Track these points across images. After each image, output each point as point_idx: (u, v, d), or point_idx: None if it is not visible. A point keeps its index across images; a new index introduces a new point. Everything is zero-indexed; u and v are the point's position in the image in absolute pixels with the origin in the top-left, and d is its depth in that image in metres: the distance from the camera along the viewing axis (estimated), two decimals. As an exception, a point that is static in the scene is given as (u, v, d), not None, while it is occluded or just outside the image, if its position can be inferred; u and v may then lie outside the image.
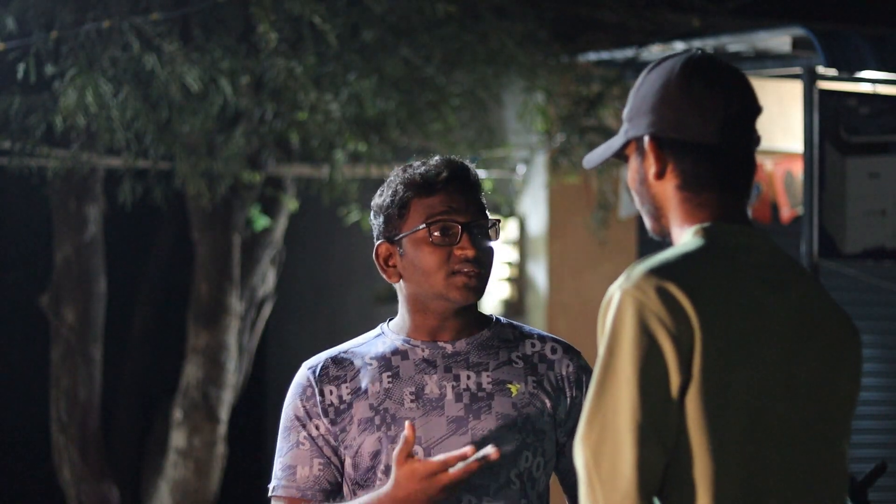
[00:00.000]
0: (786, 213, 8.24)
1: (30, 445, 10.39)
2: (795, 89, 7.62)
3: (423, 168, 2.97)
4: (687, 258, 2.25)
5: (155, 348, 10.51)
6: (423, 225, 2.92)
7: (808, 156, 6.43)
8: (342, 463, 2.94)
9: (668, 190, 2.33)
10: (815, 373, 2.27)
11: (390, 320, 3.03)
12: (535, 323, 8.55)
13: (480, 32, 7.32)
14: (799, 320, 2.28)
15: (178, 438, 8.06)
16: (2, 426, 10.85)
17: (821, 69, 6.46)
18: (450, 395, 2.92)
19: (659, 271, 2.21)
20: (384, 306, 9.20)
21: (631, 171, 2.38)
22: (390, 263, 2.98)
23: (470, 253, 2.91)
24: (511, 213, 8.76)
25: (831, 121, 6.43)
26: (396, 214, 2.96)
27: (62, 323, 8.04)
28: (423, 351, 2.95)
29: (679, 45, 7.22)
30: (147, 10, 6.67)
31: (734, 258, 2.28)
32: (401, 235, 2.95)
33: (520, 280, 8.75)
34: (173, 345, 9.02)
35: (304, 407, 2.95)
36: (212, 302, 8.07)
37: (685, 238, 2.31)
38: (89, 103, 6.43)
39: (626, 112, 2.38)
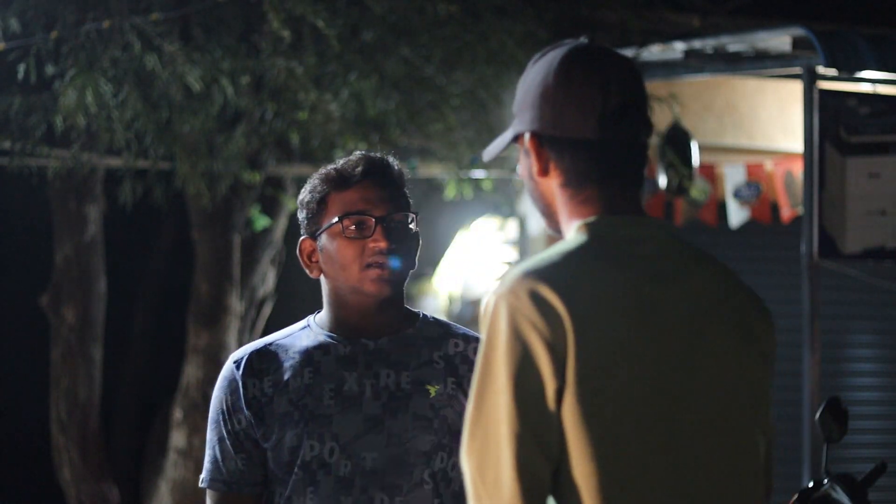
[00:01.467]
0: (786, 213, 8.25)
1: (30, 445, 10.38)
2: (795, 89, 7.63)
3: (340, 163, 2.99)
4: (565, 258, 2.17)
5: (155, 348, 10.50)
6: (337, 219, 2.93)
7: (808, 156, 6.44)
8: (264, 456, 2.95)
9: (552, 187, 2.25)
10: (716, 363, 2.18)
11: (317, 313, 3.03)
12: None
13: (480, 32, 7.32)
14: (696, 310, 2.19)
15: (178, 438, 8.06)
16: (2, 426, 10.85)
17: (821, 69, 6.47)
18: (368, 392, 2.92)
19: (533, 274, 2.13)
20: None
21: (520, 167, 2.31)
22: (313, 259, 2.99)
23: (383, 245, 2.91)
24: (511, 213, 8.75)
25: (831, 121, 6.44)
26: (316, 209, 2.98)
27: (62, 323, 8.03)
28: (344, 347, 2.95)
29: (679, 46, 7.22)
30: (147, 10, 6.66)
31: (619, 252, 2.19)
32: (320, 230, 2.97)
33: (520, 280, 8.74)
34: (173, 345, 9.01)
35: (227, 400, 2.96)
36: (212, 302, 8.07)
37: (569, 235, 2.24)
38: (89, 103, 6.43)
39: (514, 104, 2.31)
